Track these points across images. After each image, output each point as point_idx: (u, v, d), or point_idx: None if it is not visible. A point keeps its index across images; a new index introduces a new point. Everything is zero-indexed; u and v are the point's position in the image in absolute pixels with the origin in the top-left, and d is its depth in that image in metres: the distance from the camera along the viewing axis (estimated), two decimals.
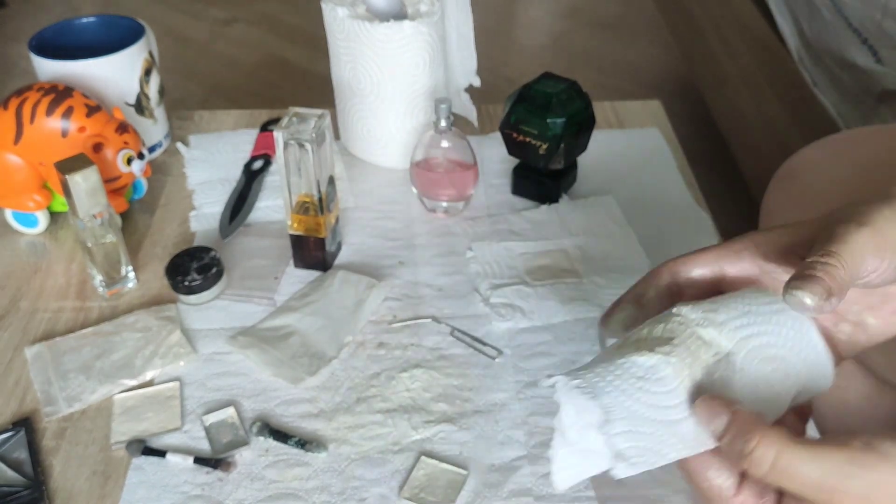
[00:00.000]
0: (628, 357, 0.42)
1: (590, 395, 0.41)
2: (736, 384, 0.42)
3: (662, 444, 0.41)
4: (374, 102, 0.95)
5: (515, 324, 0.77)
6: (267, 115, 1.09)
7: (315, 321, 0.76)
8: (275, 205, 0.93)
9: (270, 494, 0.63)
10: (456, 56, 1.00)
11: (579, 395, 0.41)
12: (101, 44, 0.96)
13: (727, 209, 1.11)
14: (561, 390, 0.42)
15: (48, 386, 0.71)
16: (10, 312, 0.80)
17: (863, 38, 1.28)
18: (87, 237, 0.77)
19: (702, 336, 0.43)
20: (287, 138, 0.75)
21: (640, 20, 2.75)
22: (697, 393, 0.41)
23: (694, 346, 0.43)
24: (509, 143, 0.90)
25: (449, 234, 0.89)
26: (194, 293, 0.79)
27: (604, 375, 0.42)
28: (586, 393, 0.41)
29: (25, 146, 0.84)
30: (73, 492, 0.63)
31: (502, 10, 2.84)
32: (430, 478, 0.63)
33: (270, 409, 0.69)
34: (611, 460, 0.41)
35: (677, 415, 0.41)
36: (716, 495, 0.40)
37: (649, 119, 1.08)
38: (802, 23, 1.46)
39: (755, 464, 0.38)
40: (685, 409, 0.41)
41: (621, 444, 0.41)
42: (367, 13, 0.93)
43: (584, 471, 0.43)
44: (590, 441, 0.41)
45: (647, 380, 0.41)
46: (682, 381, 0.42)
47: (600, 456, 0.41)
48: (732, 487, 0.41)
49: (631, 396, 0.41)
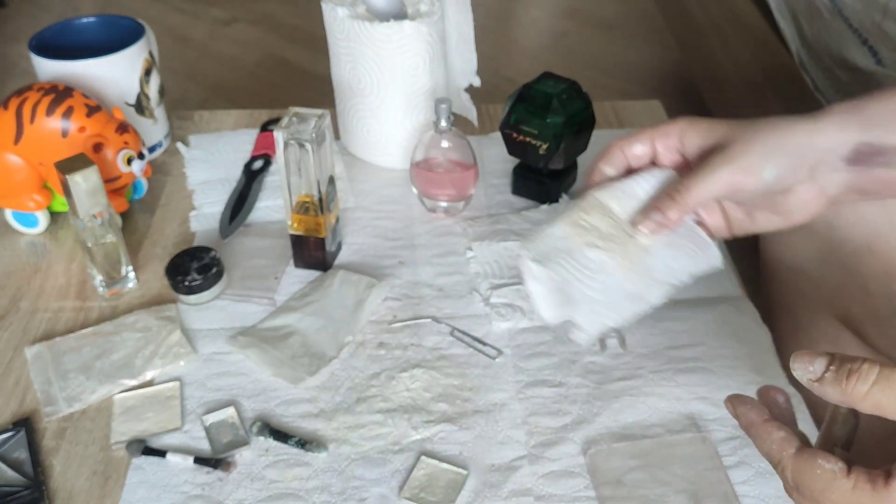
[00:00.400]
0: (581, 251, 0.59)
1: (555, 285, 0.58)
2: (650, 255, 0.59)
3: (608, 312, 0.57)
4: (374, 102, 0.95)
5: (515, 324, 0.77)
6: (267, 115, 1.09)
7: (315, 321, 0.76)
8: (275, 205, 0.93)
9: (270, 494, 0.62)
10: (456, 56, 1.00)
11: (546, 280, 0.58)
12: (101, 44, 0.96)
13: None
14: (528, 271, 0.59)
15: (48, 386, 0.71)
16: (10, 312, 0.80)
17: (863, 38, 1.28)
18: (87, 237, 0.77)
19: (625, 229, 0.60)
20: (287, 138, 0.75)
21: (640, 20, 2.75)
22: (628, 271, 0.58)
23: (622, 237, 0.59)
24: (509, 143, 0.90)
25: (449, 234, 0.89)
26: (194, 293, 0.79)
27: (566, 266, 0.58)
28: (552, 280, 0.58)
29: (25, 146, 0.84)
30: (73, 492, 0.63)
31: (502, 10, 2.84)
32: (430, 478, 0.63)
33: (270, 409, 0.69)
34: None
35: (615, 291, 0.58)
36: (829, 479, 0.43)
37: (649, 119, 1.08)
38: (803, 23, 1.46)
39: (863, 377, 0.41)
40: (623, 287, 0.58)
41: (579, 320, 0.57)
42: (367, 13, 0.93)
43: (563, 304, 0.58)
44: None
45: (597, 271, 0.58)
46: (618, 266, 0.58)
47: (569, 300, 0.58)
48: (844, 469, 0.43)
49: (586, 284, 0.58)
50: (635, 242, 0.59)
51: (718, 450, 0.64)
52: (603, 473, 0.63)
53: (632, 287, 0.58)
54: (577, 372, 0.72)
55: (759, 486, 0.62)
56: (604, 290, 0.58)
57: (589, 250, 0.58)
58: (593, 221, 0.60)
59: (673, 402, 0.68)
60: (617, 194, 0.60)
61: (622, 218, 0.60)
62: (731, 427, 0.66)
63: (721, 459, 0.63)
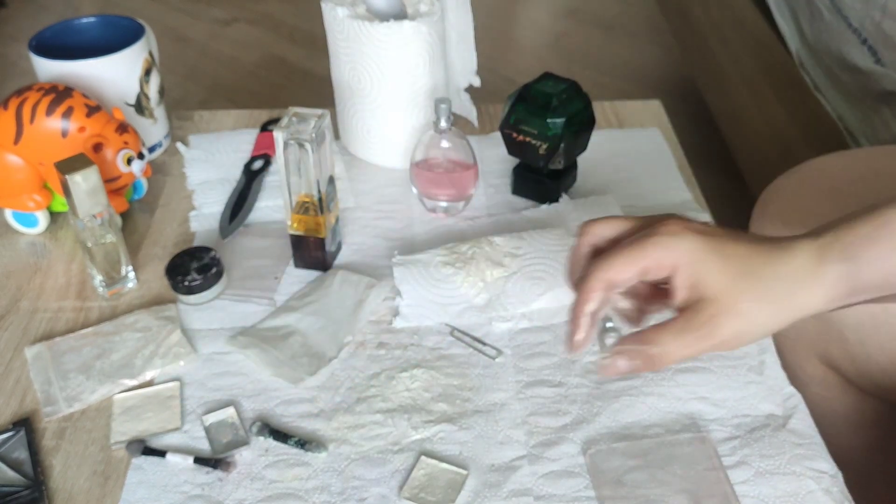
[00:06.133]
0: (438, 269, 0.80)
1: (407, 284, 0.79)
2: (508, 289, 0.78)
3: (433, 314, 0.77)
4: (374, 102, 0.95)
5: (515, 324, 0.77)
6: (267, 115, 1.09)
7: (315, 321, 0.76)
8: (275, 205, 0.93)
9: (270, 494, 0.63)
10: (456, 56, 1.00)
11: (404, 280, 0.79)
12: (101, 44, 0.96)
13: (727, 209, 1.11)
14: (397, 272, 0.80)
15: (48, 386, 0.71)
16: (10, 312, 0.80)
17: (862, 38, 1.28)
18: (87, 237, 0.77)
19: (491, 258, 0.80)
20: (287, 138, 0.75)
21: (640, 20, 2.75)
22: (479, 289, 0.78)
23: (483, 264, 0.79)
24: (509, 143, 0.90)
25: (449, 234, 0.89)
26: (194, 293, 0.79)
27: (422, 273, 0.79)
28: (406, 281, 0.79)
29: (25, 146, 0.84)
30: (72, 492, 0.64)
31: (502, 10, 2.84)
32: (430, 478, 0.63)
33: (270, 409, 0.69)
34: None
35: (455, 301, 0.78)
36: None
37: (649, 119, 1.08)
38: (803, 23, 1.46)
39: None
40: (461, 300, 0.77)
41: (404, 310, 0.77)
42: (367, 13, 0.93)
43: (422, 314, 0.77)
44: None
45: (442, 280, 0.79)
46: (464, 282, 0.78)
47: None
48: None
49: (427, 289, 0.78)
50: (498, 271, 0.79)
51: (718, 450, 0.64)
52: (603, 473, 0.63)
53: (480, 301, 0.77)
54: (577, 372, 0.72)
55: (759, 486, 0.62)
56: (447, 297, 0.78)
57: (443, 267, 0.79)
58: (464, 248, 0.81)
59: (672, 402, 0.68)
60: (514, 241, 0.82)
61: (501, 247, 0.81)
62: (730, 427, 0.66)
63: (721, 459, 0.63)
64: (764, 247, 0.54)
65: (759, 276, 0.53)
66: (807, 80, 1.44)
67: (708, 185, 1.03)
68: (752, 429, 0.66)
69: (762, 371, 0.71)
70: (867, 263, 0.52)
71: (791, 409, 0.67)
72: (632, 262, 0.53)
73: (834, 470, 0.63)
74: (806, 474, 0.62)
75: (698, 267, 0.53)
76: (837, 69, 1.34)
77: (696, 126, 1.99)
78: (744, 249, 0.53)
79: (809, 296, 0.53)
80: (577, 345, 0.56)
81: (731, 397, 0.68)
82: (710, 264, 0.53)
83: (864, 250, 0.52)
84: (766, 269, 0.53)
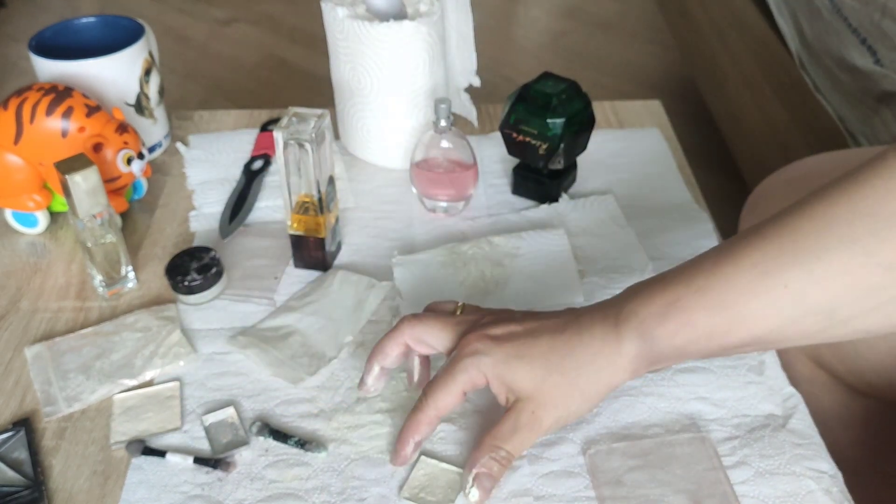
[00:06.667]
0: (439, 269, 0.82)
1: None
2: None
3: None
4: (373, 102, 0.95)
5: None
6: (267, 115, 1.09)
7: (315, 321, 0.77)
8: (275, 205, 0.93)
9: (270, 494, 0.63)
10: (456, 56, 1.00)
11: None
12: (101, 44, 0.96)
13: (727, 209, 1.11)
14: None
15: (48, 386, 0.71)
16: (10, 312, 0.80)
17: (862, 38, 1.28)
18: (87, 237, 0.77)
19: (491, 258, 0.82)
20: (287, 138, 0.75)
21: (640, 20, 2.75)
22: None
23: (483, 264, 0.82)
24: (509, 143, 0.90)
25: (449, 234, 0.89)
26: (194, 293, 0.79)
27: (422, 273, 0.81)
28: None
29: (25, 146, 0.84)
30: (72, 492, 0.64)
31: (502, 10, 2.85)
32: (430, 478, 0.63)
33: (270, 409, 0.69)
34: None
35: None
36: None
37: (649, 119, 1.08)
38: (802, 23, 1.46)
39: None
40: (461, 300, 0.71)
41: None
42: (366, 13, 0.93)
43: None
44: None
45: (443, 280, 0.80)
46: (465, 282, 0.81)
47: None
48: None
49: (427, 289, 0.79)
50: (498, 271, 0.80)
51: (718, 450, 0.64)
52: (603, 473, 0.63)
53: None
54: None
55: (759, 486, 0.62)
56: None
57: (443, 267, 0.81)
58: (464, 248, 0.83)
59: (672, 402, 0.68)
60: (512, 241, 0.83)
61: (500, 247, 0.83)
62: (730, 427, 0.66)
63: (720, 459, 0.63)
64: (563, 337, 0.59)
65: (563, 370, 0.58)
66: (807, 80, 1.44)
67: (708, 185, 1.03)
68: (751, 429, 0.66)
69: (762, 371, 0.71)
70: (660, 340, 0.57)
71: (791, 409, 0.67)
72: (451, 390, 0.60)
73: (834, 470, 0.63)
74: (806, 474, 0.62)
75: (507, 376, 0.59)
76: (837, 69, 1.34)
77: (696, 126, 1.99)
78: (545, 347, 0.59)
79: (614, 372, 0.59)
80: (402, 460, 0.63)
81: (730, 397, 0.68)
82: (517, 371, 0.59)
83: (655, 328, 0.57)
84: (567, 361, 0.59)
